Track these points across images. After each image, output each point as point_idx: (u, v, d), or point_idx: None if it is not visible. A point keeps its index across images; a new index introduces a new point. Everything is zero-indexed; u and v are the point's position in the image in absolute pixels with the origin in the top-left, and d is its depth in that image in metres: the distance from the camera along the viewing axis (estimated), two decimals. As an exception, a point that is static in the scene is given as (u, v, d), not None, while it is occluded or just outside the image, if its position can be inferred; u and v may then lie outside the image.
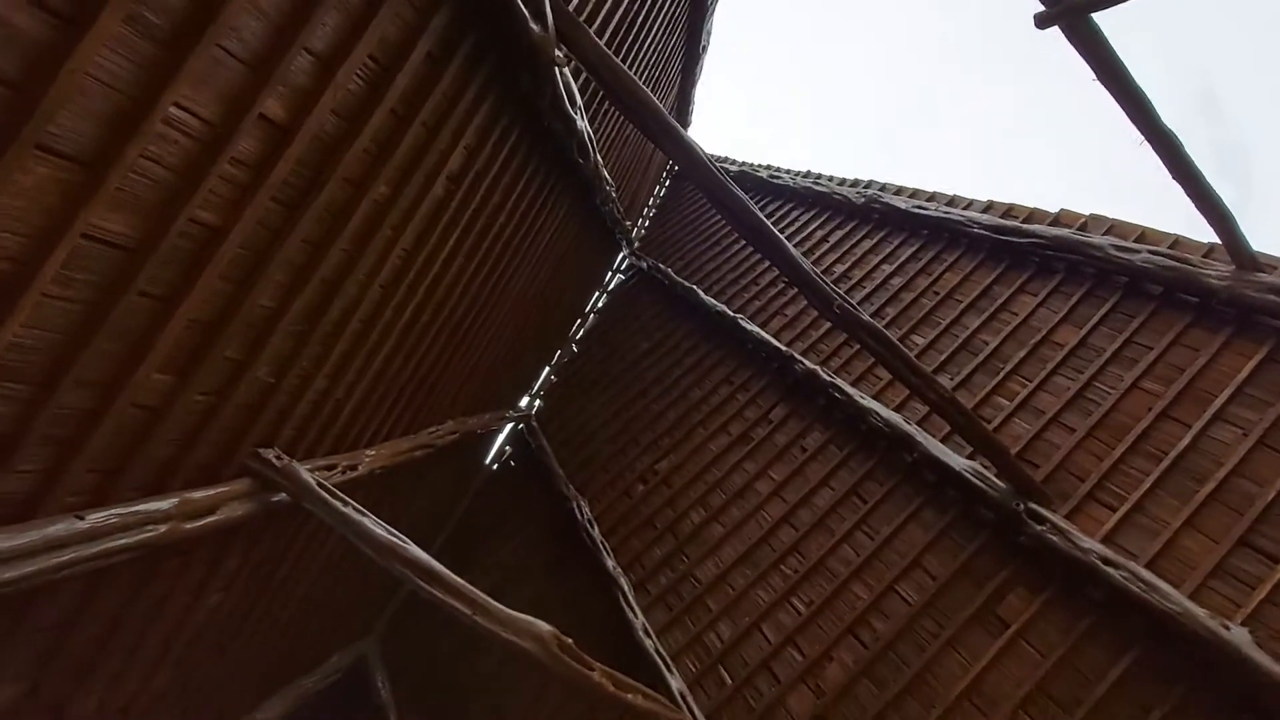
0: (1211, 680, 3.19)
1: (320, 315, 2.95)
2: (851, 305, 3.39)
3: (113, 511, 2.33)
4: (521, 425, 7.26)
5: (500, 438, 7.25)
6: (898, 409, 4.95)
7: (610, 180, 5.43)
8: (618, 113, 5.21)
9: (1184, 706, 3.22)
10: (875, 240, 6.42)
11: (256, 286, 2.46)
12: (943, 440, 4.57)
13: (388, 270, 3.25)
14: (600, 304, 8.35)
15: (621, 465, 6.18)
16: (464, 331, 4.71)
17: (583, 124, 3.96)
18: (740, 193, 3.11)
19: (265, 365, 2.81)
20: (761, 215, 3.14)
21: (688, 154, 2.93)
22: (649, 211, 9.23)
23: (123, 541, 2.34)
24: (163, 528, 2.50)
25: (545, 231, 5.13)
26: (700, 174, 2.97)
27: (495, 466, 7.30)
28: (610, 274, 8.45)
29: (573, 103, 3.67)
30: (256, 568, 3.78)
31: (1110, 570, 3.50)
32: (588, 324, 8.20)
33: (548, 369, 7.76)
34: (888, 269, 6.02)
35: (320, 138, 2.36)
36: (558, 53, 2.94)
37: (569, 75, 3.45)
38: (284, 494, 3.14)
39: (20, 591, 2.11)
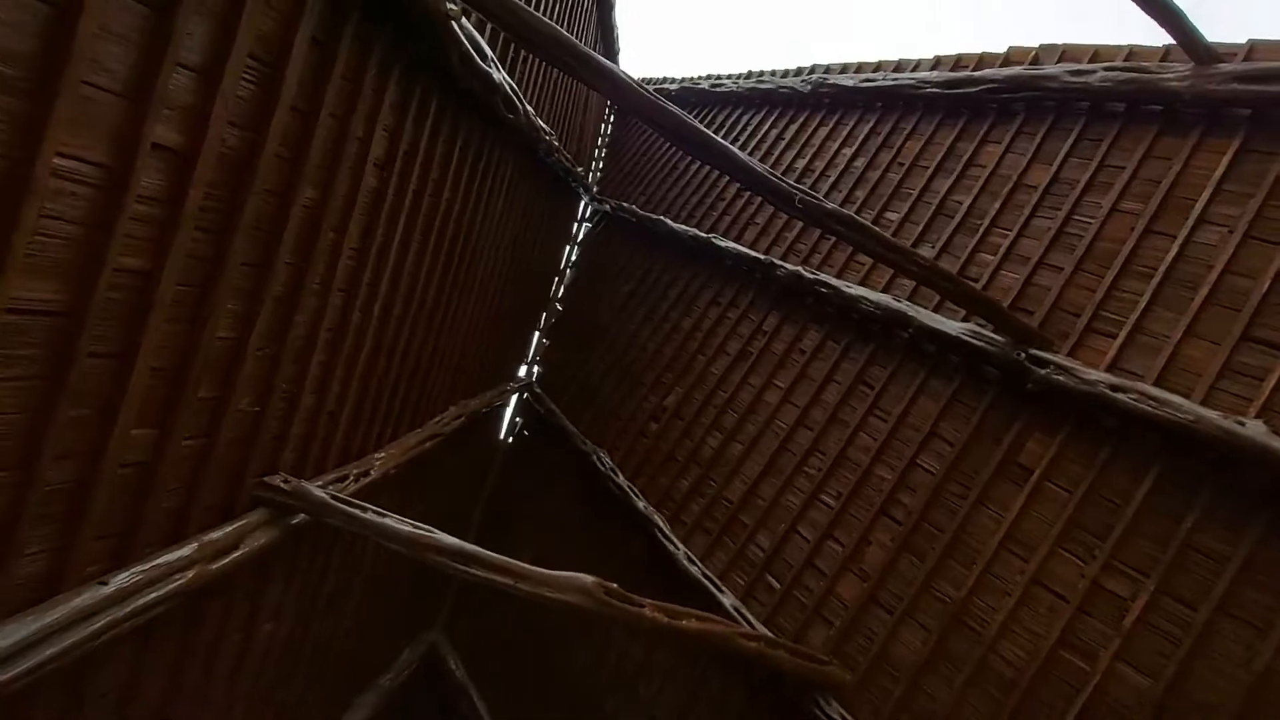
0: (1235, 479, 3.25)
1: (285, 334, 2.91)
2: (813, 197, 3.30)
3: (135, 570, 2.35)
4: (525, 394, 7.28)
5: (508, 411, 7.28)
6: (885, 290, 4.91)
7: (549, 129, 5.25)
8: (538, 58, 4.98)
9: (1212, 510, 3.29)
10: (830, 125, 6.23)
11: (209, 321, 2.41)
12: (935, 310, 4.54)
13: (341, 273, 3.18)
14: (574, 257, 8.23)
15: (631, 409, 6.21)
16: (441, 317, 4.66)
17: (501, 76, 3.79)
18: (676, 109, 2.98)
19: (244, 396, 2.79)
20: (701, 127, 3.02)
21: (612, 81, 2.80)
22: (600, 153, 8.99)
23: (153, 595, 2.37)
24: (189, 574, 2.53)
25: (496, 196, 5.00)
26: (630, 99, 2.85)
27: (511, 440, 7.36)
28: (577, 225, 8.30)
29: (484, 56, 3.50)
30: (301, 589, 3.86)
31: (1120, 396, 3.52)
32: (566, 280, 8.10)
33: (537, 334, 7.73)
34: (849, 152, 5.87)
35: (225, 154, 2.26)
36: (450, 5, 2.78)
37: (470, 28, 3.28)
38: (302, 514, 3.17)
39: (70, 664, 2.16)
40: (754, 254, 5.87)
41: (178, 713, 3.07)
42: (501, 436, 7.33)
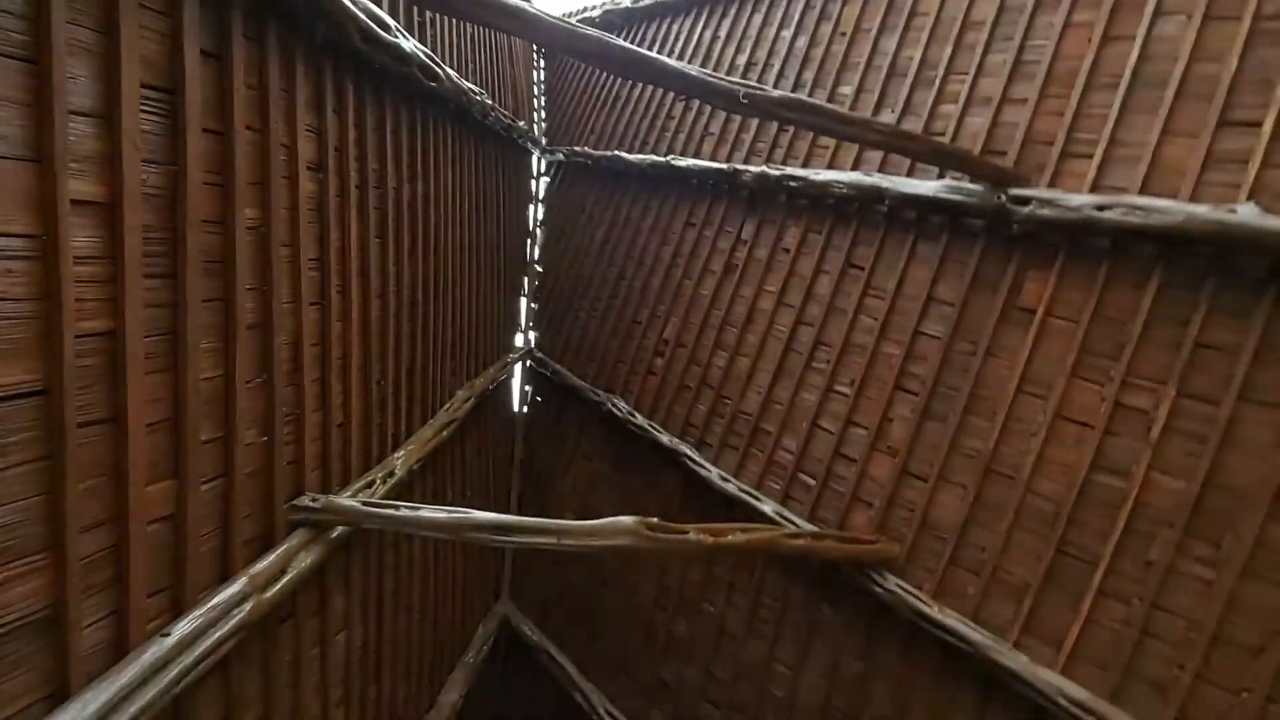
0: (1234, 267, 3.23)
1: (270, 360, 2.89)
2: (758, 89, 3.18)
3: (193, 615, 2.42)
4: (527, 362, 7.29)
5: (516, 383, 7.31)
6: (854, 168, 4.79)
7: (478, 89, 5.06)
8: (447, 17, 4.75)
9: (1217, 304, 3.28)
10: (764, 10, 5.95)
11: (189, 364, 2.40)
12: (908, 175, 4.45)
13: (308, 287, 3.14)
14: (541, 216, 8.08)
15: (633, 350, 6.21)
16: (423, 307, 4.62)
17: (411, 45, 3.62)
18: (593, 32, 2.85)
19: (248, 430, 2.80)
20: (624, 44, 2.90)
21: (518, 18, 2.67)
22: (539, 102, 8.69)
23: (218, 635, 2.45)
24: (247, 606, 2.61)
25: (443, 171, 4.87)
26: (542, 31, 2.72)
27: (526, 409, 7.42)
28: (535, 182, 8.10)
29: (387, 28, 3.34)
30: (363, 595, 3.98)
31: (1107, 214, 3.46)
32: (539, 240, 7.98)
33: (524, 300, 7.67)
34: (788, 34, 5.62)
35: (150, 195, 2.19)
36: (334, -19, 2.63)
37: (365, 1, 3.11)
38: (340, 526, 3.24)
39: (158, 716, 2.26)
40: (716, 165, 5.72)
41: (282, 713, 3.22)
42: (516, 408, 7.38)
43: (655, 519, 3.56)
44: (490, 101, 5.41)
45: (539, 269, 7.84)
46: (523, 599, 6.77)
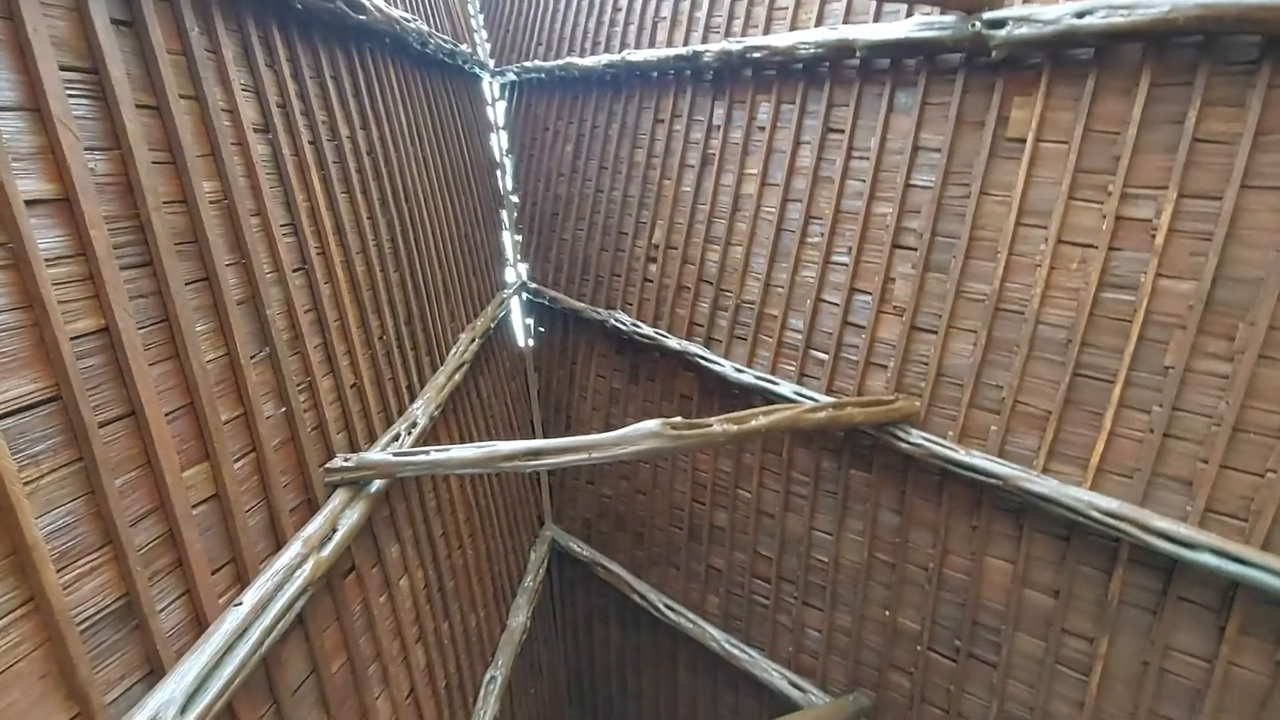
0: (1224, 50, 3.11)
1: (268, 332, 2.88)
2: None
3: (259, 584, 2.54)
4: (523, 295, 7.24)
5: (516, 318, 7.29)
6: (817, 24, 4.54)
7: (409, 16, 4.76)
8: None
9: (1210, 95, 3.20)
10: None
11: (189, 349, 2.39)
12: (875, 21, 4.22)
13: (287, 253, 3.08)
14: (505, 143, 7.79)
15: (625, 262, 6.13)
16: (406, 257, 4.55)
17: (329, -24, 3.38)
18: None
19: (264, 403, 2.83)
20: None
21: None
22: (478, 22, 8.19)
23: (287, 596, 2.57)
24: (307, 567, 2.72)
25: (394, 111, 4.66)
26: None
27: (532, 342, 7.43)
28: (491, 107, 7.76)
29: (300, -39, 3.11)
30: (415, 542, 4.13)
31: (1088, 20, 3.30)
32: (509, 169, 7.73)
33: (508, 234, 7.52)
34: (724, -109, 5.20)
35: (100, 182, 2.12)
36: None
37: (269, -66, 2.88)
38: (376, 480, 3.32)
39: (249, 680, 2.41)
40: (674, 51, 5.44)
41: (367, 676, 3.43)
42: (522, 343, 7.40)
43: (678, 418, 3.62)
44: (426, 28, 5.10)
45: (515, 200, 7.65)
46: (565, 521, 7.02)
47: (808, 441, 4.85)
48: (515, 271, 7.47)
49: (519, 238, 7.61)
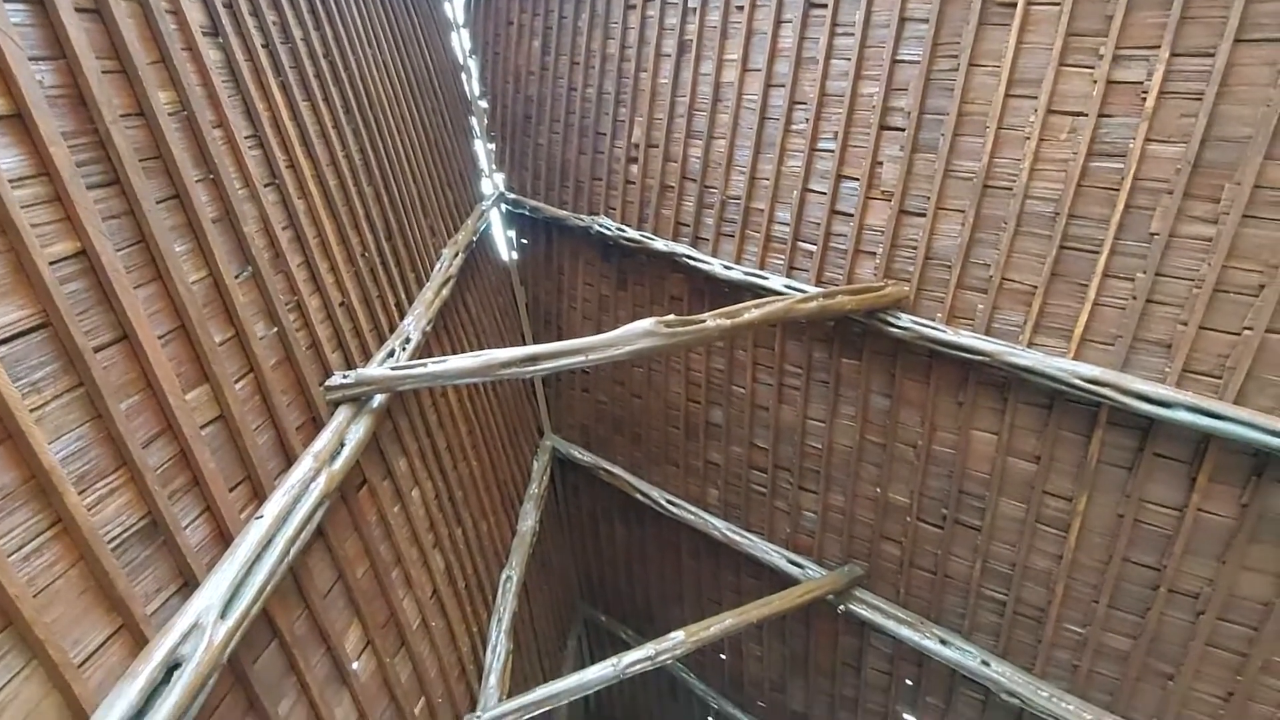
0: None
1: (248, 250, 2.81)
2: None
3: (276, 497, 2.60)
4: (502, 206, 7.04)
5: (498, 231, 7.12)
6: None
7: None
8: None
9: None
10: None
11: (170, 271, 2.34)
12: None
13: (255, 167, 2.95)
14: (468, 42, 7.33)
15: (606, 164, 5.95)
16: (378, 167, 4.37)
17: None
18: None
19: (255, 323, 2.80)
20: None
21: None
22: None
23: (306, 507, 2.65)
24: (321, 480, 2.79)
25: (345, 4, 4.34)
26: None
27: (516, 254, 7.31)
28: (448, 3, 7.25)
29: None
30: (420, 455, 4.22)
31: None
32: (474, 71, 7.32)
33: (480, 142, 7.22)
34: None
35: (54, 96, 1.99)
36: None
37: None
38: (377, 395, 3.35)
39: (279, 587, 2.52)
40: (643, -74, 5.05)
41: (390, 580, 3.60)
42: (506, 257, 7.27)
43: (672, 316, 3.64)
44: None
45: (484, 105, 7.29)
46: (565, 430, 7.17)
47: (799, 333, 4.91)
48: (492, 182, 7.23)
49: (492, 146, 7.31)
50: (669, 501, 6.12)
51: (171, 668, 2.01)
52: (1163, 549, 3.76)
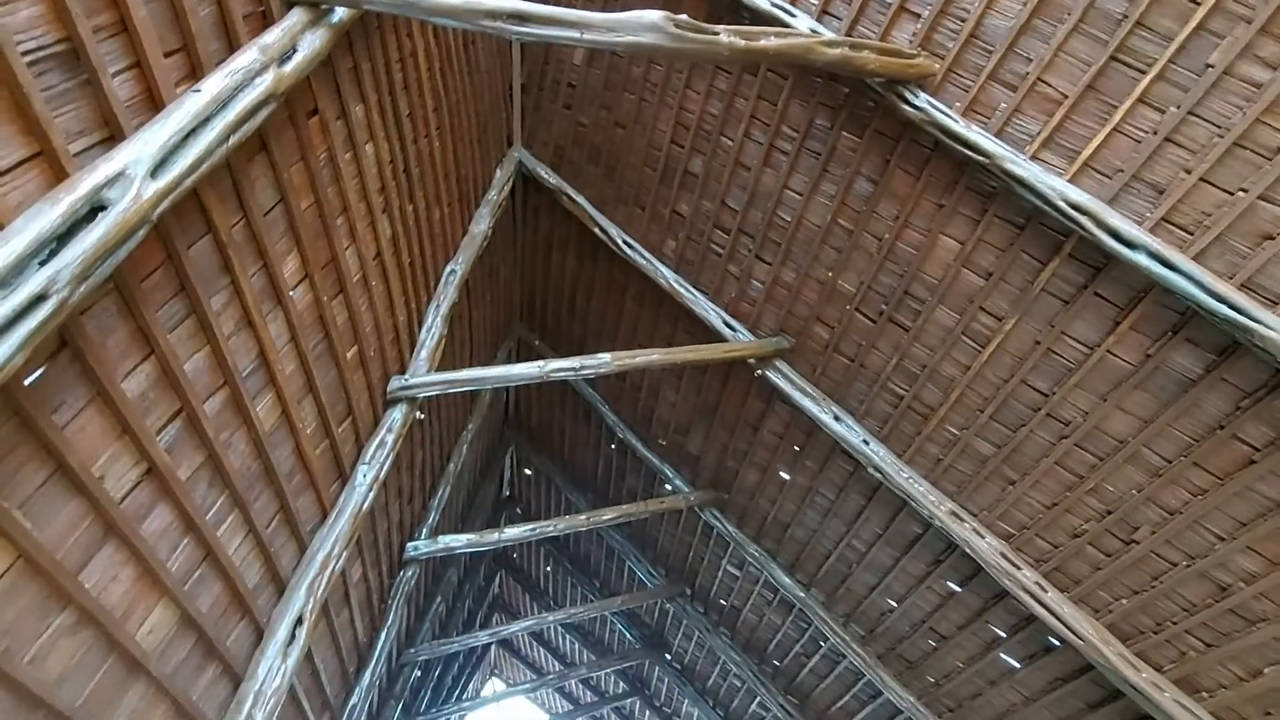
0: None
1: None
2: None
3: (218, 75, 2.36)
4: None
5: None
6: None
7: None
8: None
9: None
10: None
11: None
12: None
13: None
14: None
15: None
16: None
17: None
18: None
19: None
20: None
21: None
22: None
23: (249, 100, 2.42)
24: (268, 76, 2.52)
25: None
26: None
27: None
28: None
29: None
30: (381, 111, 3.91)
31: None
32: None
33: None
34: None
35: None
36: None
37: None
38: (339, 8, 2.97)
39: (213, 175, 2.40)
40: None
41: (335, 225, 3.52)
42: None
43: (684, 16, 3.26)
44: None
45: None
46: (537, 146, 6.77)
47: (808, 94, 4.56)
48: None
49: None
50: (625, 242, 6.10)
51: (96, 208, 1.93)
52: (1059, 379, 4.08)
